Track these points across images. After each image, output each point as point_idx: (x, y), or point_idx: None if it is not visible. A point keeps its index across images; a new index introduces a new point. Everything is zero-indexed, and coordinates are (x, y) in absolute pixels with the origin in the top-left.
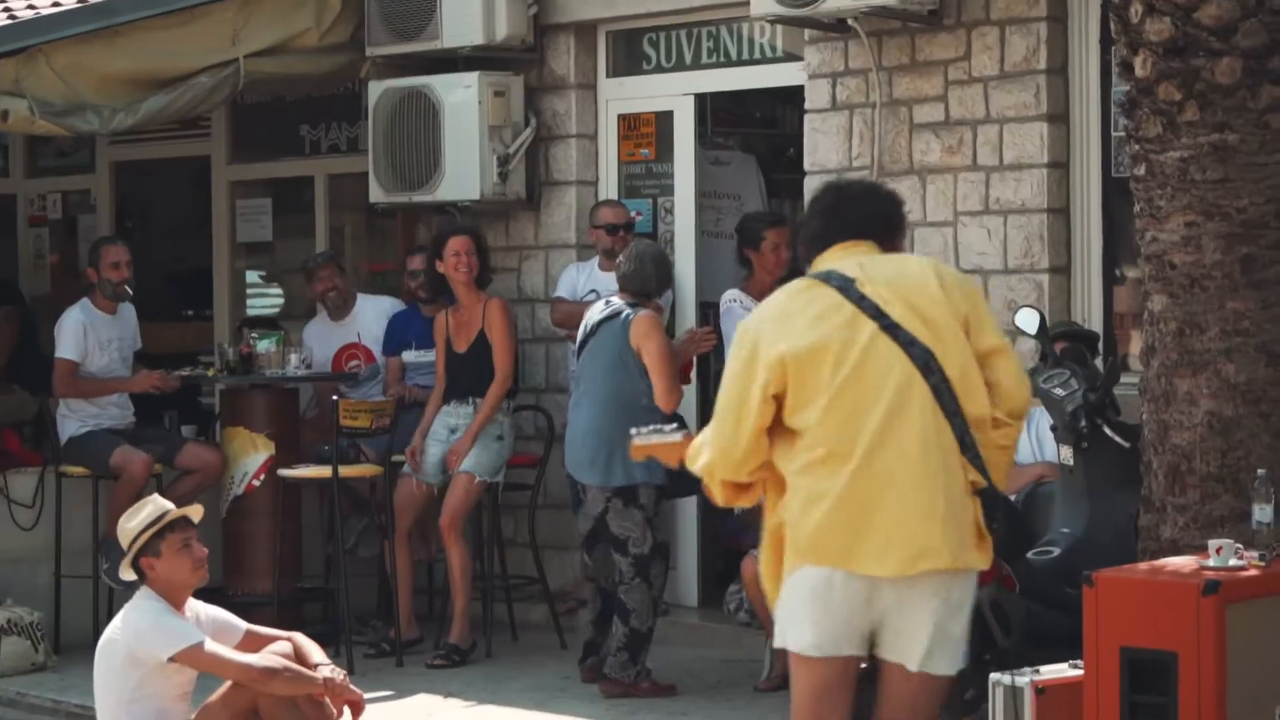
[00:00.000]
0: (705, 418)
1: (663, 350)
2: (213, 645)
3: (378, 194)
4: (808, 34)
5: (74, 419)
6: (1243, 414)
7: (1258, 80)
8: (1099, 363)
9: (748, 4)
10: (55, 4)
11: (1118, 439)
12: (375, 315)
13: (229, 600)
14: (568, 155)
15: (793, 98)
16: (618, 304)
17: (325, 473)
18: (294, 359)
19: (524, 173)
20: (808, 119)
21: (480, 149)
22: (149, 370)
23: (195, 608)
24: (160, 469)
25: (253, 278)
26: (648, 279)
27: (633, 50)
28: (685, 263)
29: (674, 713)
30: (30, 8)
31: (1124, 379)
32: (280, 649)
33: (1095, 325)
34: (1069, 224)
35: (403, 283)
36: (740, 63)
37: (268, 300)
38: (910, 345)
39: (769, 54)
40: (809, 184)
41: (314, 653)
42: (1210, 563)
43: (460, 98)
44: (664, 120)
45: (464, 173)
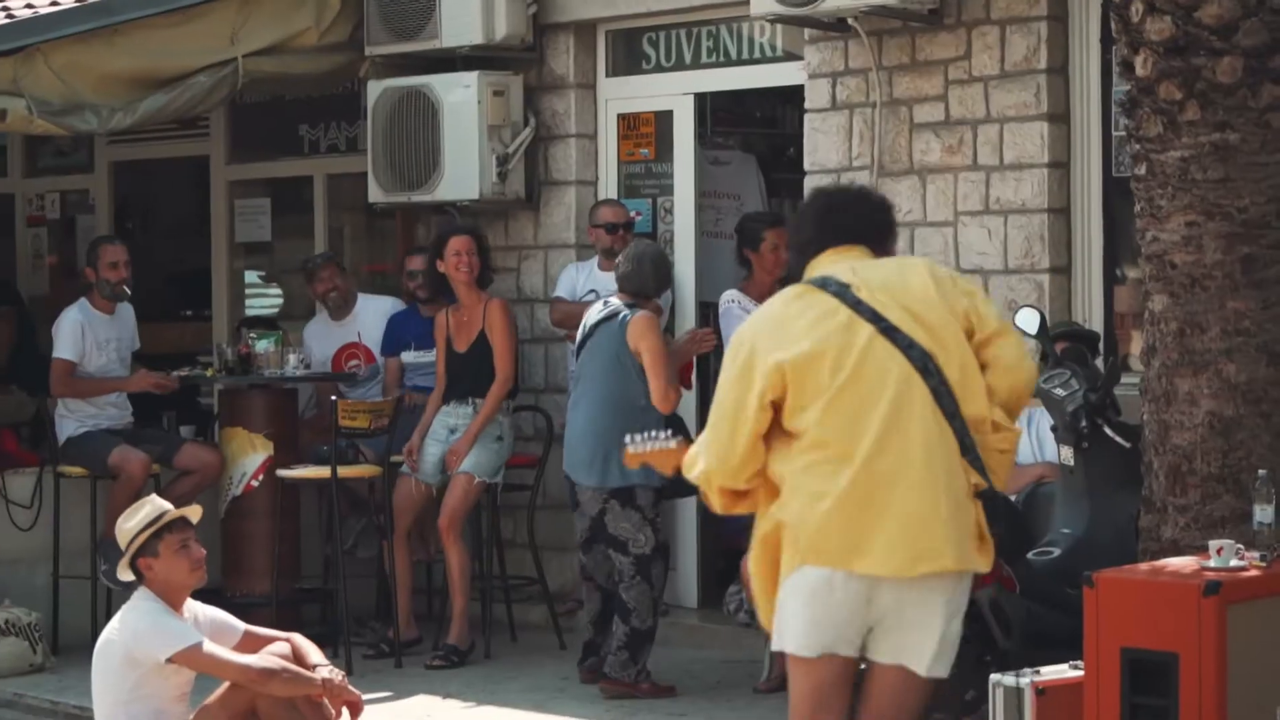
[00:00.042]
0: (706, 419)
1: (659, 351)
2: (211, 646)
3: (377, 194)
4: (808, 33)
5: (72, 419)
6: (1244, 414)
7: (1259, 79)
8: (1100, 363)
9: (747, 3)
10: (53, 3)
11: (1118, 439)
12: (376, 315)
13: (227, 601)
14: (567, 155)
15: (793, 97)
16: (615, 304)
17: (324, 473)
18: (292, 359)
19: (523, 172)
20: (808, 119)
21: (479, 149)
22: (147, 370)
23: (193, 608)
24: (158, 469)
25: (252, 278)
26: (645, 280)
27: (632, 50)
28: (685, 263)
29: (674, 713)
30: (28, 6)
31: (1125, 379)
32: (278, 650)
33: (1096, 325)
34: (1069, 224)
35: (402, 283)
36: (740, 62)
37: (267, 300)
38: (909, 348)
39: (769, 53)
40: (809, 184)
41: (312, 653)
42: (1211, 563)
43: (459, 97)
44: (664, 120)
45: (463, 172)
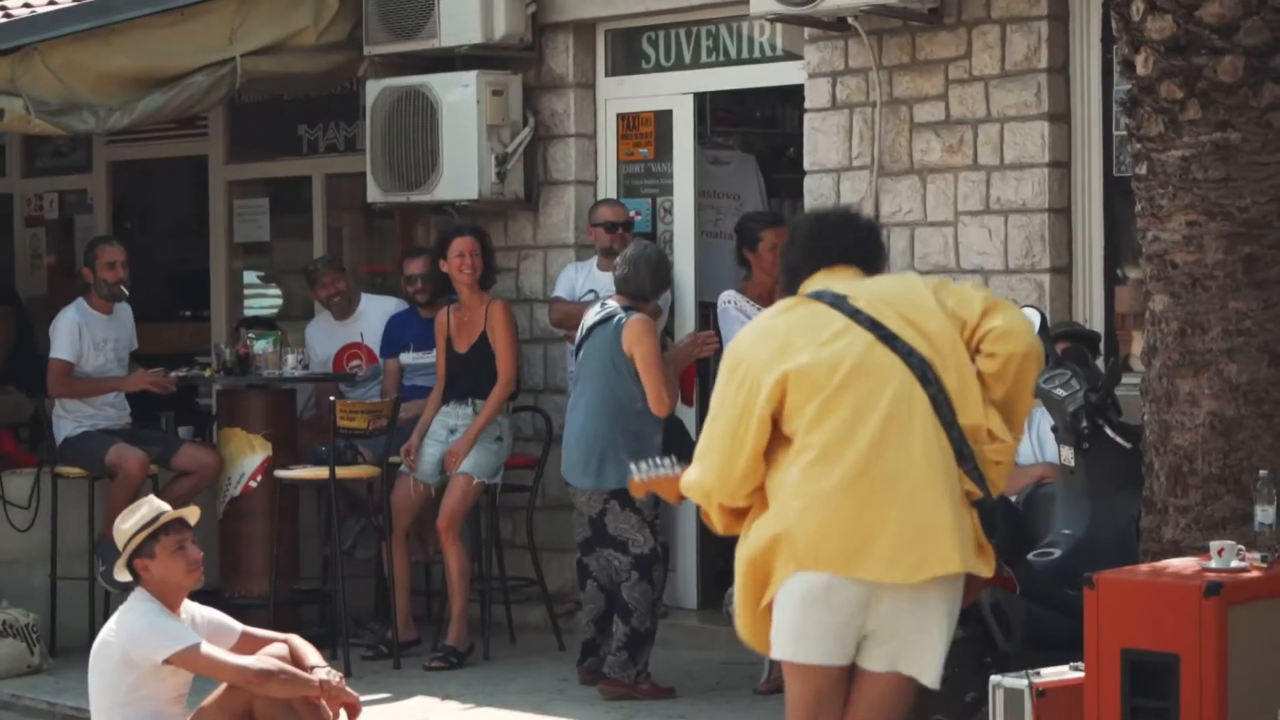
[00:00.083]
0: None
1: (654, 355)
2: (208, 647)
3: (375, 194)
4: (807, 33)
5: (70, 419)
6: (1245, 414)
7: (1260, 78)
8: (1100, 363)
9: (747, 3)
10: (51, 2)
11: (1119, 440)
12: (380, 316)
13: (226, 602)
14: (566, 155)
15: (792, 97)
16: (612, 307)
17: (322, 474)
18: (291, 359)
19: (522, 172)
20: (808, 118)
21: (478, 148)
22: (145, 369)
23: (190, 609)
24: (156, 470)
25: (251, 278)
26: (642, 282)
27: (632, 49)
28: (684, 263)
29: (673, 715)
30: (26, 6)
31: (1125, 379)
32: (276, 651)
33: (1096, 325)
34: (1070, 224)
35: (400, 286)
36: (740, 62)
37: (266, 300)
38: (908, 355)
39: (769, 53)
40: (809, 183)
41: (310, 655)
42: (1212, 564)
43: (458, 97)
44: (663, 119)
45: (462, 172)
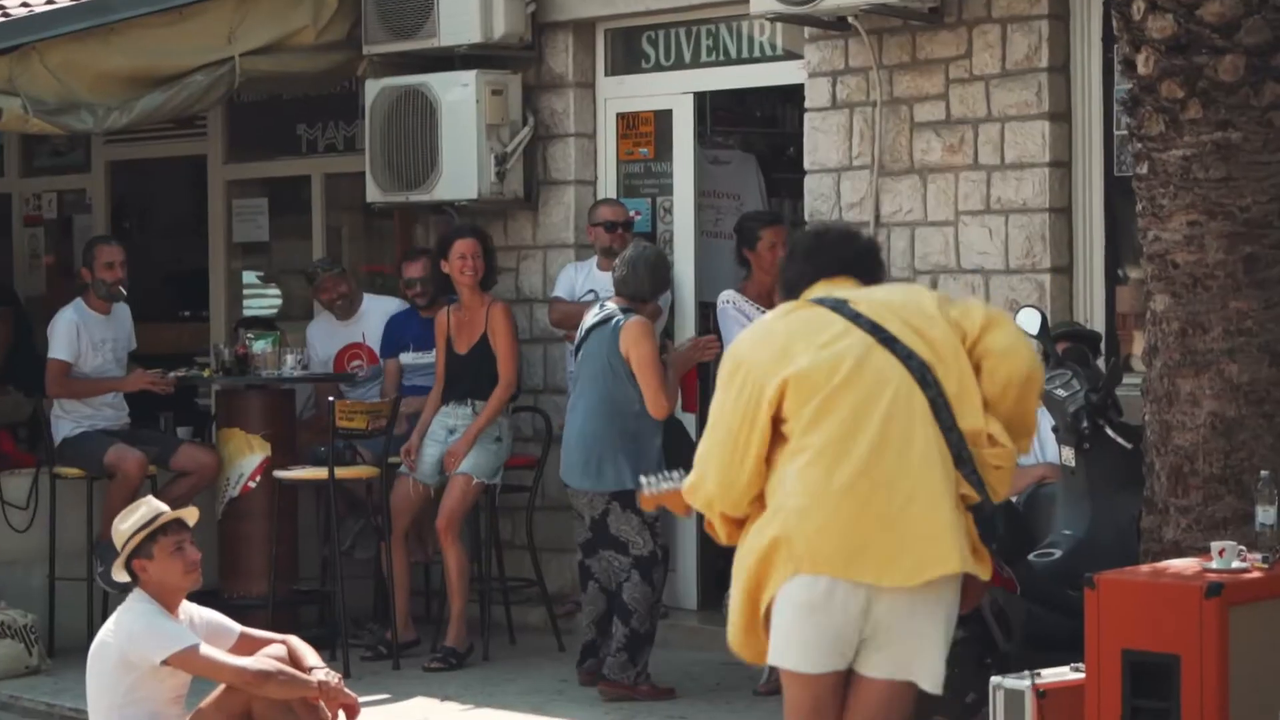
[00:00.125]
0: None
1: (650, 358)
2: (206, 648)
3: (375, 193)
4: (808, 32)
5: (68, 420)
6: (1246, 415)
7: (1261, 78)
8: (1101, 363)
9: (747, 2)
10: (49, 1)
11: (1120, 440)
12: (381, 316)
13: (224, 603)
14: (566, 154)
15: (793, 96)
16: (611, 308)
17: (321, 474)
18: (290, 359)
19: (522, 172)
20: (808, 118)
21: (478, 148)
22: (143, 370)
23: (189, 610)
24: (155, 470)
25: (250, 278)
26: (641, 284)
27: (631, 48)
28: (684, 263)
29: (673, 716)
30: (24, 5)
31: (1126, 379)
32: (275, 652)
33: (1097, 325)
34: (1071, 223)
35: (399, 288)
36: (740, 61)
37: (265, 301)
38: (908, 358)
39: (769, 52)
40: (809, 183)
41: (308, 656)
42: (1213, 565)
43: (458, 96)
44: (663, 119)
45: (461, 172)
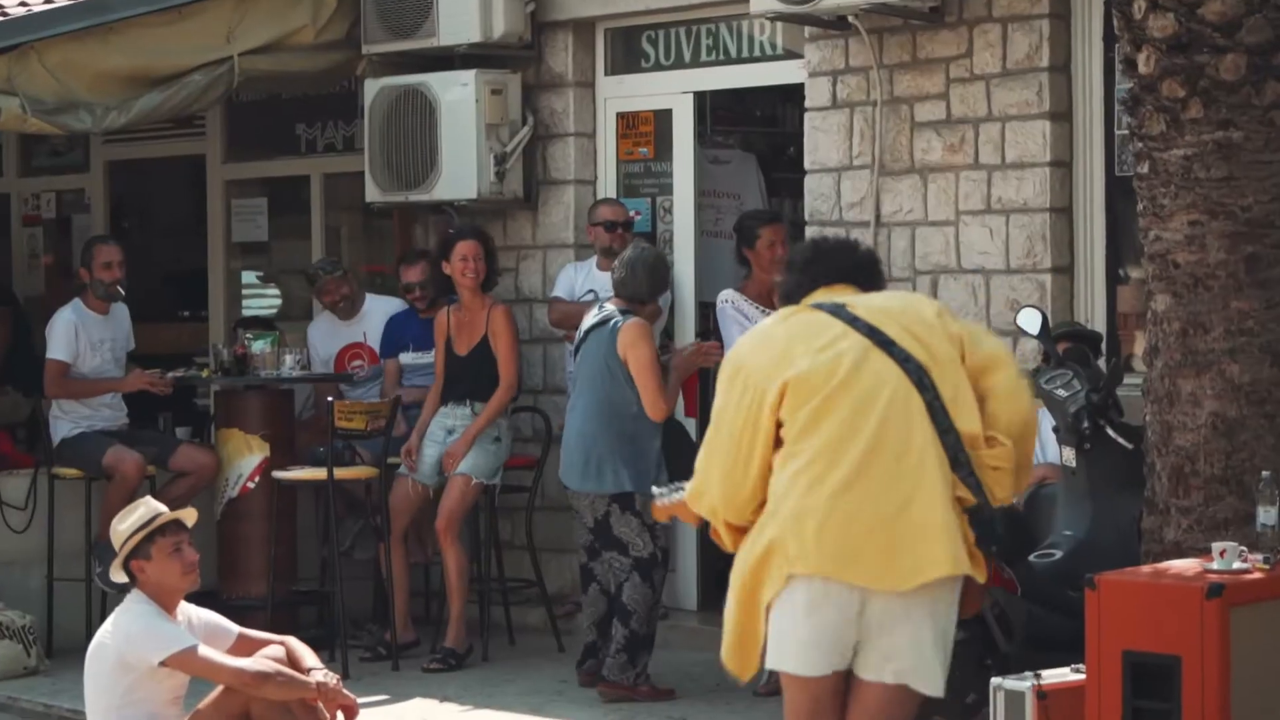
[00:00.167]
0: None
1: (647, 360)
2: (205, 649)
3: (374, 193)
4: (808, 31)
5: (66, 420)
6: (1247, 415)
7: (1262, 77)
8: (1102, 363)
9: (747, 1)
10: (48, 1)
11: (1121, 440)
12: (383, 316)
13: (223, 603)
14: (566, 154)
15: (793, 96)
16: (609, 310)
17: (320, 475)
18: (289, 360)
19: (521, 172)
20: (808, 117)
21: (477, 148)
22: (141, 370)
23: (187, 611)
24: (154, 471)
25: (249, 278)
26: (639, 285)
27: (631, 48)
28: (684, 263)
29: (672, 717)
30: (22, 4)
31: (1127, 380)
32: (273, 653)
33: (1098, 325)
34: (1072, 223)
35: (398, 290)
36: (740, 60)
37: (264, 301)
38: (905, 361)
39: (769, 52)
40: (809, 183)
41: (307, 657)
42: (1214, 566)
43: (457, 96)
44: (663, 119)
45: (461, 172)
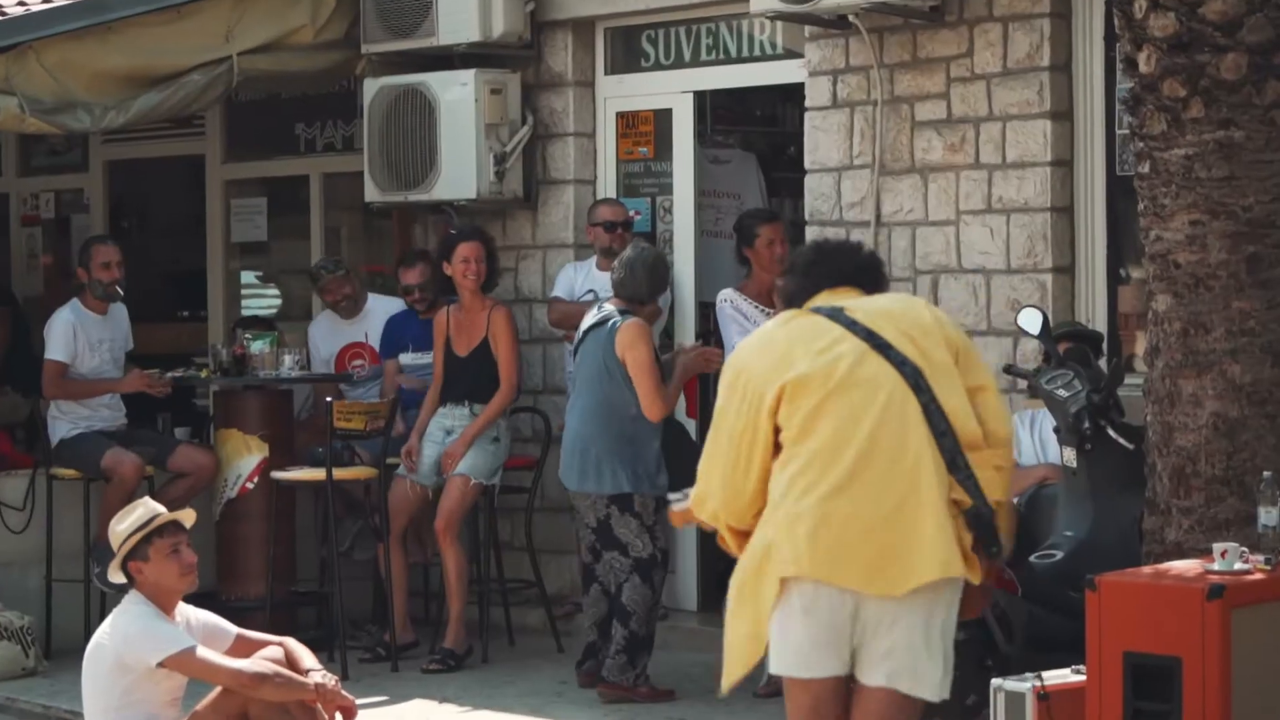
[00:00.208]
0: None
1: (645, 361)
2: (203, 651)
3: (373, 193)
4: (808, 31)
5: (65, 421)
6: (1248, 415)
7: (1263, 76)
8: (1103, 363)
9: (747, 1)
10: (46, 0)
11: (1121, 441)
12: (385, 316)
13: (222, 604)
14: (565, 154)
15: (793, 95)
16: (608, 310)
17: (319, 475)
18: (288, 360)
19: (521, 171)
20: (808, 117)
21: (477, 147)
22: (140, 370)
23: (185, 612)
24: (152, 471)
25: (249, 278)
26: (638, 286)
27: (631, 47)
28: (684, 262)
29: (672, 717)
30: (21, 4)
31: (1128, 380)
32: (271, 654)
33: (1099, 325)
34: (1073, 223)
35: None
36: (740, 60)
37: (264, 301)
38: (902, 364)
39: (769, 51)
40: (809, 182)
41: (305, 658)
42: (1215, 566)
43: (456, 95)
44: (663, 118)
45: (460, 171)
